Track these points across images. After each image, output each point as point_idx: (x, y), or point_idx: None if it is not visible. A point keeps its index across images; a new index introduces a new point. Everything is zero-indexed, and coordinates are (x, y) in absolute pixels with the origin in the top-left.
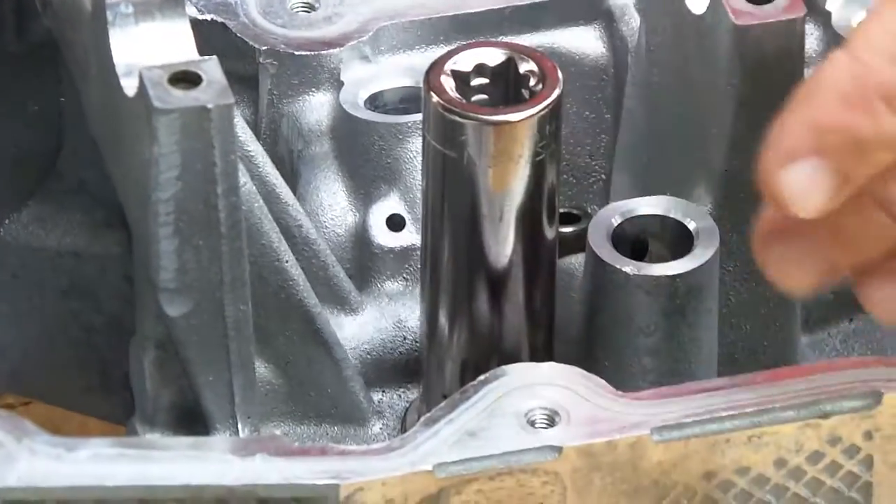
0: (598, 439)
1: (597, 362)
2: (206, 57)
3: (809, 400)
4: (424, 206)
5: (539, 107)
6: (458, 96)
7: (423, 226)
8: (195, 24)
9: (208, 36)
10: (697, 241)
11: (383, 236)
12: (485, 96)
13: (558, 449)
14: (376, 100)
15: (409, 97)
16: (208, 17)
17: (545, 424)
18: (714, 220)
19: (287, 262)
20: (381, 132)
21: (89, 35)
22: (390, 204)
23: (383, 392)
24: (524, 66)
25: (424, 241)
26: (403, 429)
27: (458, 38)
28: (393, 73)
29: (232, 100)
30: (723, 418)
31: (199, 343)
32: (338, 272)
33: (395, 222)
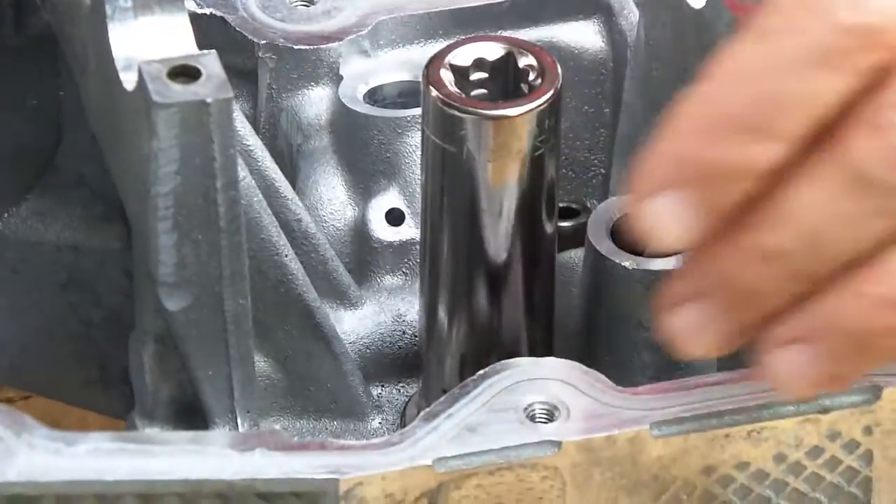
0: (598, 434)
1: (596, 357)
2: (205, 51)
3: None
4: (424, 201)
5: (538, 101)
6: (458, 91)
7: (423, 220)
8: (194, 18)
9: (207, 30)
10: None
11: (382, 231)
12: (484, 91)
13: (558, 444)
14: (375, 94)
15: (409, 91)
16: (207, 11)
17: (544, 419)
18: None
19: (286, 256)
20: (380, 126)
21: (88, 29)
22: (389, 198)
23: (382, 387)
24: (523, 61)
25: (424, 236)
26: (403, 423)
27: (457, 32)
28: (392, 67)
29: (231, 94)
30: (722, 413)
31: (199, 337)
32: (337, 266)
33: (395, 217)
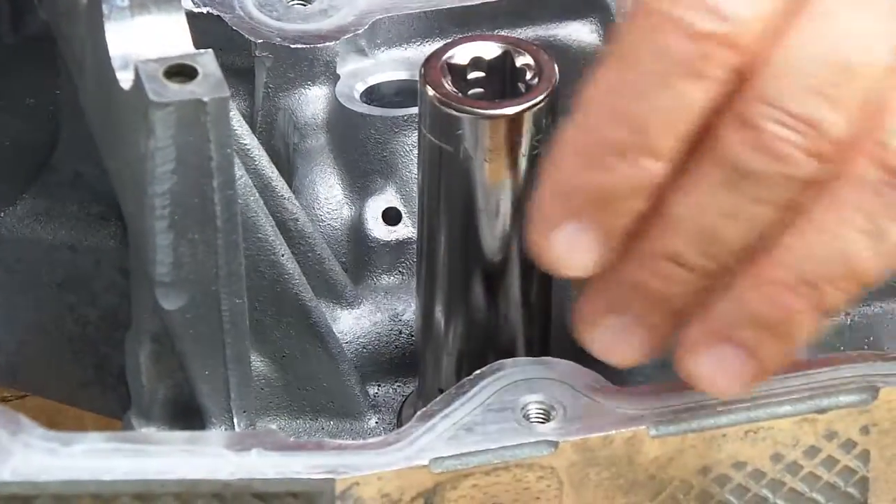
0: (595, 434)
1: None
2: (202, 50)
3: (806, 395)
4: (420, 200)
5: (535, 100)
6: (455, 90)
7: (419, 219)
8: (191, 17)
9: (204, 29)
10: None
11: (379, 230)
12: (481, 90)
13: (554, 444)
14: (372, 93)
15: (405, 90)
16: (204, 11)
17: (541, 419)
18: None
19: (283, 255)
20: (377, 125)
21: (85, 28)
22: (386, 197)
23: (379, 386)
24: (521, 60)
25: (420, 235)
26: (399, 423)
27: (454, 31)
28: (389, 66)
29: (228, 93)
30: (719, 413)
31: (195, 337)
32: (333, 266)
33: (391, 216)
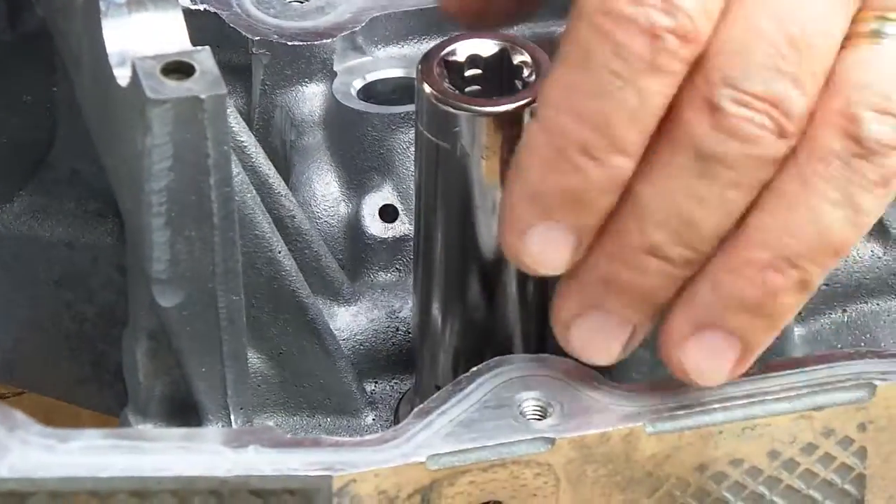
0: (592, 431)
1: None
2: (199, 47)
3: (803, 392)
4: (417, 197)
5: (532, 98)
6: (452, 87)
7: (416, 217)
8: (188, 14)
9: (201, 26)
10: None
11: (376, 227)
12: (478, 87)
13: (551, 440)
14: (369, 90)
15: (402, 88)
16: (201, 8)
17: (538, 416)
18: None
19: (280, 252)
20: (373, 123)
21: (82, 25)
22: (383, 194)
23: (376, 383)
24: (518, 58)
25: (417, 232)
26: (396, 420)
27: (451, 28)
28: (386, 63)
29: (225, 90)
30: (716, 410)
31: (192, 334)
32: (330, 263)
33: (388, 213)
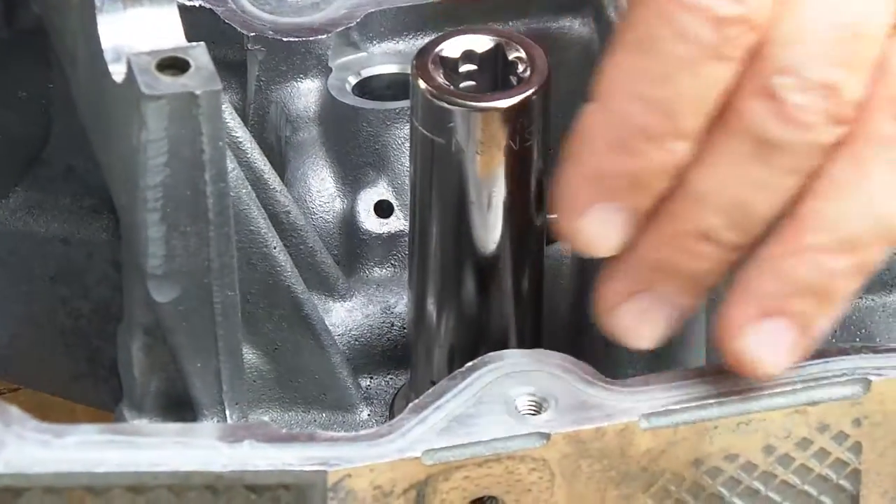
0: (587, 426)
1: (585, 349)
2: (195, 43)
3: (798, 387)
4: (412, 193)
5: (527, 93)
6: (446, 83)
7: (411, 212)
8: (183, 10)
9: (196, 22)
10: None
11: (371, 222)
12: (473, 83)
13: (546, 435)
14: (364, 86)
15: (398, 83)
16: (196, 4)
17: (533, 411)
18: None
19: (275, 248)
20: (369, 118)
21: (77, 21)
22: (378, 190)
23: (371, 378)
24: (512, 53)
25: (412, 228)
26: (391, 415)
27: (446, 24)
28: (381, 59)
29: (220, 86)
30: (711, 405)
31: (187, 329)
32: (325, 258)
33: (383, 208)
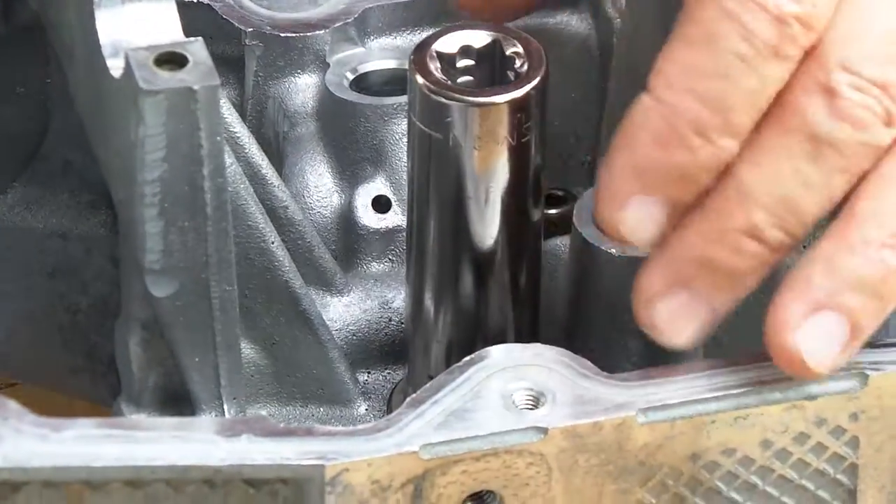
0: (584, 420)
1: (582, 344)
2: (192, 38)
3: (795, 381)
4: (410, 188)
5: (524, 88)
6: (444, 78)
7: (409, 207)
8: (181, 5)
9: (194, 17)
10: None
11: (369, 217)
12: (470, 78)
13: (544, 430)
14: (362, 81)
15: (395, 79)
16: None
17: (530, 406)
18: None
19: (273, 243)
20: (366, 114)
21: (75, 16)
22: (376, 185)
23: (369, 373)
24: (510, 48)
25: (410, 223)
26: (389, 410)
27: (443, 20)
28: (379, 54)
29: (218, 81)
30: (708, 399)
31: (185, 324)
32: (323, 253)
33: (381, 204)
